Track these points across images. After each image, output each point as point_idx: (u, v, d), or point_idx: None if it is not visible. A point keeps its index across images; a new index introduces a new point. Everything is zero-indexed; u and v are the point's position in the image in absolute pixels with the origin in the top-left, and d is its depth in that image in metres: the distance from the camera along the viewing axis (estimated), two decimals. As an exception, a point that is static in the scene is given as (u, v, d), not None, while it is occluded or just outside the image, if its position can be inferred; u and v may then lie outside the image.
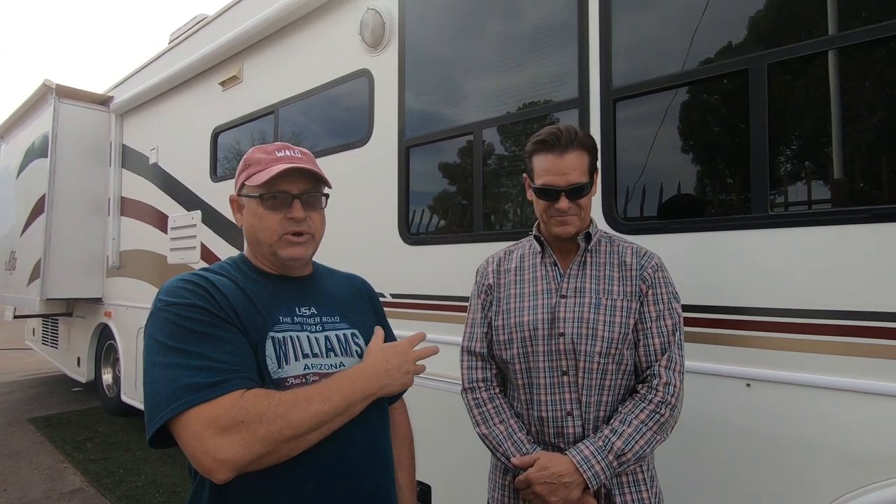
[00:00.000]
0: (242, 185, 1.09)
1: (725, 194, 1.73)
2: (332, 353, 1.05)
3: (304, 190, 1.07)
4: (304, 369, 1.00)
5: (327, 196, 1.15)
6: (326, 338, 1.07)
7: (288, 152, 1.09)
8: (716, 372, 1.62)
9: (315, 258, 1.20)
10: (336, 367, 1.04)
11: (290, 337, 1.01)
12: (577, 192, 1.31)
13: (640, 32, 1.88)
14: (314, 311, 1.09)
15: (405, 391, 1.32)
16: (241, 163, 1.12)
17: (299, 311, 1.07)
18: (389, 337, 1.29)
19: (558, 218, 1.32)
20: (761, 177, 1.58)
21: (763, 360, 1.55)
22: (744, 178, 1.65)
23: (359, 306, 1.22)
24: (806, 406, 1.47)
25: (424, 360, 1.15)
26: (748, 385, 1.57)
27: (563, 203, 1.30)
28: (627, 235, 1.84)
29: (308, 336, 1.04)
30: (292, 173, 1.05)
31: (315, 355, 1.03)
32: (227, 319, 0.93)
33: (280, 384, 0.96)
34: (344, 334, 1.10)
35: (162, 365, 0.87)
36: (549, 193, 1.31)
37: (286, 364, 0.98)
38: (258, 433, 0.82)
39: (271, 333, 0.99)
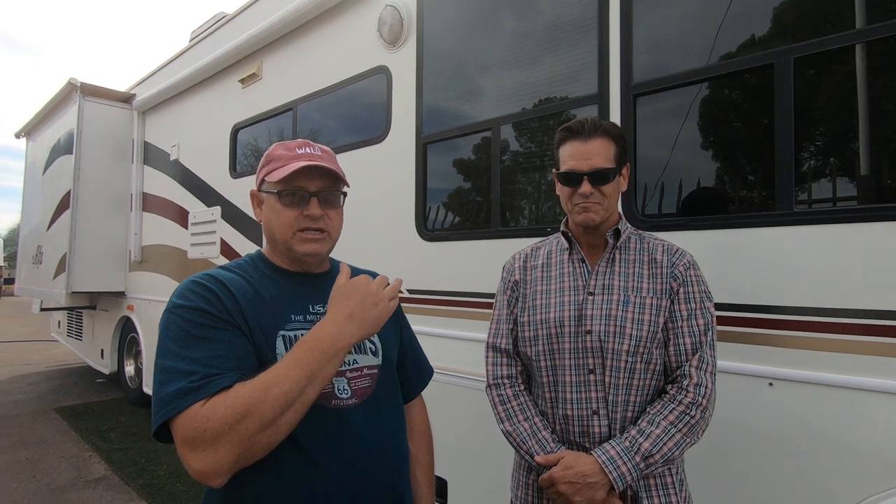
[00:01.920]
0: (263, 180, 1.10)
1: (748, 191, 1.70)
2: None
3: (322, 188, 1.08)
4: None
5: (345, 194, 1.15)
6: None
7: (308, 149, 1.09)
8: (737, 370, 1.60)
9: (332, 254, 1.20)
10: (349, 364, 1.05)
11: (302, 335, 1.01)
12: (601, 178, 1.28)
13: (662, 26, 1.86)
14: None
15: (423, 385, 1.32)
16: (262, 158, 1.12)
17: (313, 309, 1.07)
18: (406, 336, 1.29)
19: (581, 204, 1.29)
20: (786, 173, 1.55)
21: (786, 359, 1.52)
22: (768, 175, 1.62)
23: None
24: (830, 406, 1.45)
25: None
26: (770, 384, 1.54)
27: (586, 187, 1.28)
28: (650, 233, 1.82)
29: None
30: (311, 171, 1.05)
31: None
32: (229, 321, 0.94)
33: None
34: None
35: (160, 368, 0.91)
36: (571, 179, 1.30)
37: None
38: (225, 438, 0.81)
39: (282, 332, 1.00)
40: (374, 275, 1.32)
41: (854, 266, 1.42)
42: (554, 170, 1.40)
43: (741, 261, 1.61)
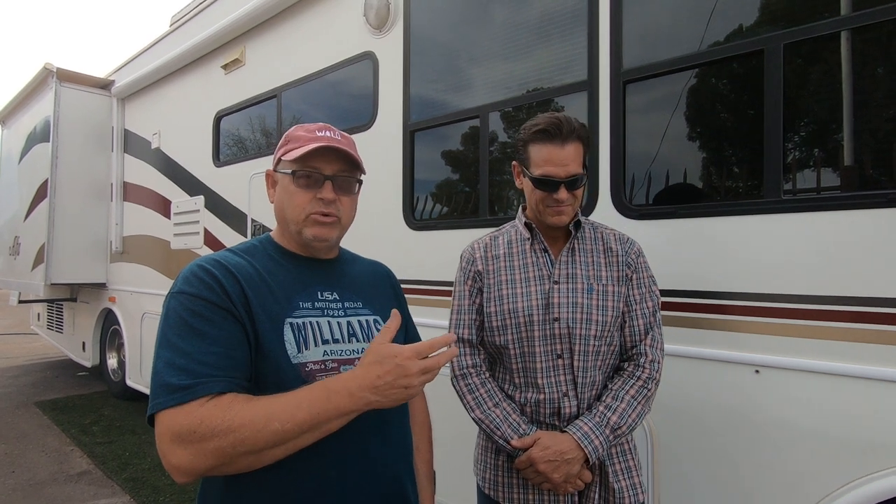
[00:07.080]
0: (279, 160, 1.09)
1: (737, 179, 1.70)
2: (353, 339, 1.05)
3: (338, 172, 1.06)
4: (323, 355, 0.99)
5: (360, 182, 1.13)
6: (349, 323, 1.07)
7: (328, 133, 1.08)
8: (724, 358, 1.61)
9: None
10: (358, 353, 1.04)
11: (310, 322, 1.01)
12: (576, 184, 1.34)
13: (652, 12, 1.84)
14: (336, 295, 1.08)
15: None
16: (281, 139, 1.12)
17: (321, 296, 1.06)
18: (410, 329, 1.27)
19: (555, 209, 1.34)
20: (774, 161, 1.55)
21: (772, 346, 1.53)
22: (756, 162, 1.62)
23: (381, 293, 1.21)
24: (815, 393, 1.46)
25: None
26: (757, 371, 1.55)
27: (563, 194, 1.32)
28: (637, 221, 1.82)
29: (329, 321, 1.04)
30: (328, 153, 1.04)
31: (336, 341, 1.02)
32: (230, 309, 0.92)
33: (300, 369, 0.95)
34: (366, 320, 1.10)
35: (157, 357, 0.90)
36: (548, 184, 1.33)
37: (305, 349, 0.98)
38: (208, 446, 0.81)
39: (289, 319, 0.99)
40: (377, 265, 1.29)
41: (840, 253, 1.43)
42: (515, 163, 1.42)
43: (730, 248, 1.61)
